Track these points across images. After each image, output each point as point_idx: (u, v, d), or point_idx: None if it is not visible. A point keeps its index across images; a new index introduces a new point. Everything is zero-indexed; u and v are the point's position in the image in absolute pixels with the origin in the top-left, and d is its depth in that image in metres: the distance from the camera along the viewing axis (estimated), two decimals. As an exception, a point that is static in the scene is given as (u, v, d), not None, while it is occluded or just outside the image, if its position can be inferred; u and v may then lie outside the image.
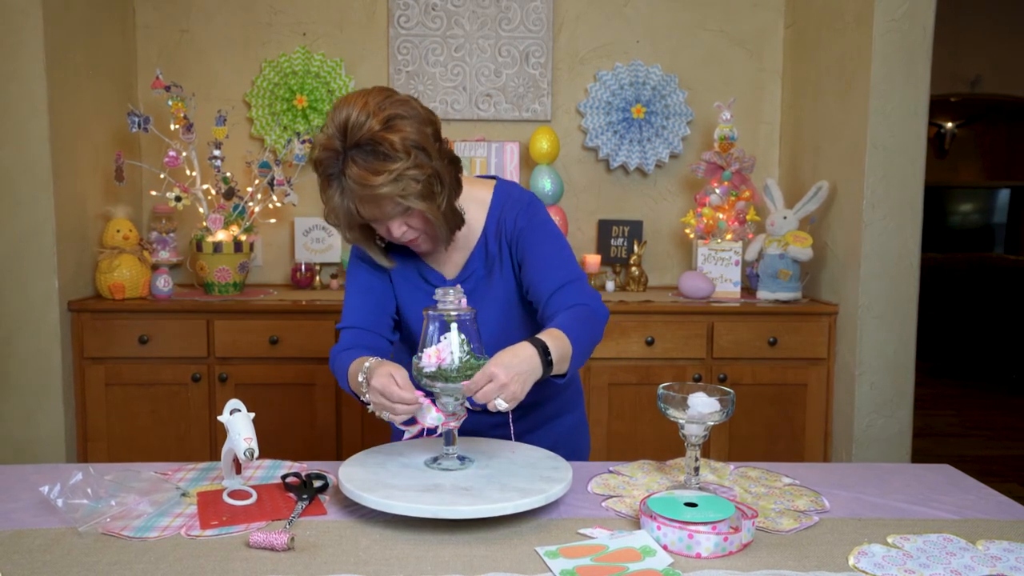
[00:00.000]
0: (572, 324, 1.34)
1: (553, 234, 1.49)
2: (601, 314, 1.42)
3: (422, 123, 1.33)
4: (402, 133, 1.29)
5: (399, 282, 1.53)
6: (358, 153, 1.29)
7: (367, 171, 1.28)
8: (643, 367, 2.67)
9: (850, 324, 2.61)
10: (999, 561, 1.06)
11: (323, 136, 1.32)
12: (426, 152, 1.32)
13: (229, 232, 2.74)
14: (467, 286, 1.48)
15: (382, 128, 1.28)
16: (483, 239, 1.50)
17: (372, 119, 1.28)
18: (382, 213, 1.34)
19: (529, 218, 1.48)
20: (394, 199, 1.31)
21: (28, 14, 2.40)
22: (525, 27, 3.05)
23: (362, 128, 1.28)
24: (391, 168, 1.28)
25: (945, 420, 4.88)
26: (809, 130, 2.93)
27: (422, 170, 1.31)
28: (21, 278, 2.48)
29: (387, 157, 1.28)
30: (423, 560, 1.05)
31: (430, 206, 1.34)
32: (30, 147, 2.45)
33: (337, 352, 1.49)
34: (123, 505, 1.18)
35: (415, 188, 1.31)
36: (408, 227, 1.39)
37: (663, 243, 3.18)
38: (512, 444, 1.42)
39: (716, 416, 1.22)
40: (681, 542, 1.07)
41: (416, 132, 1.31)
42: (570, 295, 1.41)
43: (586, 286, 1.46)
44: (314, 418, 2.63)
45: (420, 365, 1.23)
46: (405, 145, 1.29)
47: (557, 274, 1.43)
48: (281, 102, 3.01)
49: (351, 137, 1.29)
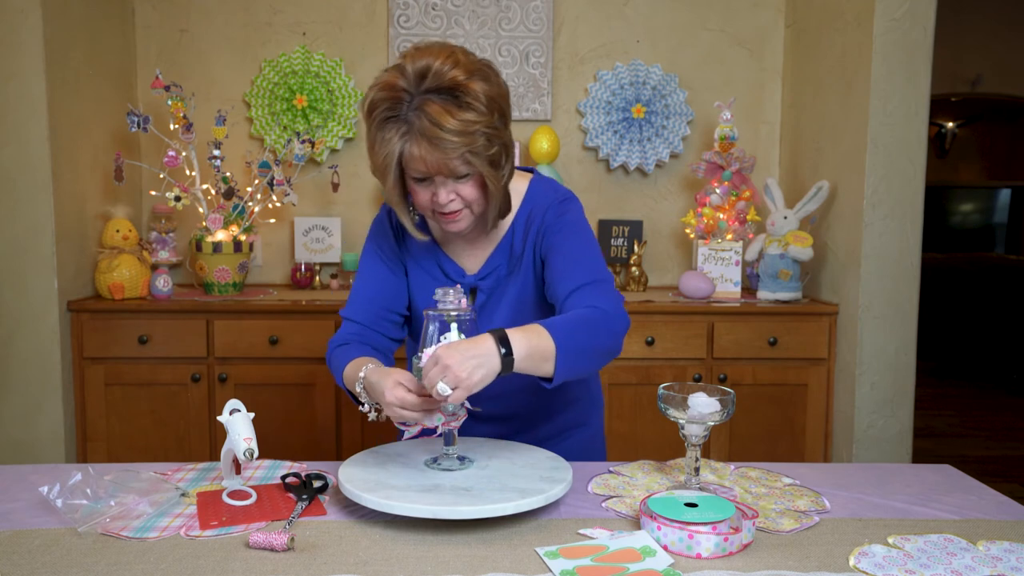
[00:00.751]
0: (567, 325, 1.21)
1: (581, 232, 1.39)
2: (616, 322, 1.27)
3: (502, 87, 1.28)
4: (488, 85, 1.23)
5: (415, 275, 1.46)
6: (436, 96, 1.21)
7: (446, 111, 1.20)
8: (643, 367, 2.67)
9: (851, 324, 2.60)
10: (1000, 562, 1.06)
11: (389, 76, 1.24)
12: (504, 117, 1.27)
13: (229, 232, 2.74)
14: (487, 283, 1.43)
15: (467, 78, 1.22)
16: (510, 235, 1.43)
17: (457, 68, 1.21)
18: (444, 164, 1.24)
19: (559, 214, 1.40)
20: (462, 153, 1.23)
21: (27, 14, 2.40)
22: (525, 27, 3.05)
23: (445, 74, 1.20)
24: (472, 119, 1.21)
25: (946, 420, 4.87)
26: (809, 130, 2.93)
27: (497, 133, 1.25)
28: (21, 278, 2.48)
29: (469, 107, 1.21)
30: (423, 560, 1.05)
31: (494, 174, 1.28)
32: (30, 147, 2.44)
33: (335, 347, 1.43)
34: (122, 505, 1.18)
35: (487, 149, 1.24)
36: (458, 195, 1.29)
37: (663, 243, 3.18)
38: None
39: (716, 416, 1.22)
40: (681, 542, 1.07)
41: (498, 93, 1.26)
42: (587, 296, 1.29)
43: (608, 289, 1.32)
44: (314, 418, 2.63)
45: (420, 365, 1.22)
46: (489, 100, 1.23)
47: (578, 274, 1.32)
48: (281, 102, 3.01)
49: (430, 81, 1.21)
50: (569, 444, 1.51)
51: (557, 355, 1.17)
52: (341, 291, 2.90)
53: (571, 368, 1.20)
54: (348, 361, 1.36)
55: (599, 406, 1.60)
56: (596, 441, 1.58)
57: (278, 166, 2.81)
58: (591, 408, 1.57)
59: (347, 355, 1.38)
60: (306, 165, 3.03)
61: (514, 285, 1.42)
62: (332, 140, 3.03)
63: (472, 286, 1.44)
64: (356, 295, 1.47)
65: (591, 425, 1.57)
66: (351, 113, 3.02)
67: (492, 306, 1.45)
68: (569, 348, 1.19)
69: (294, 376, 2.61)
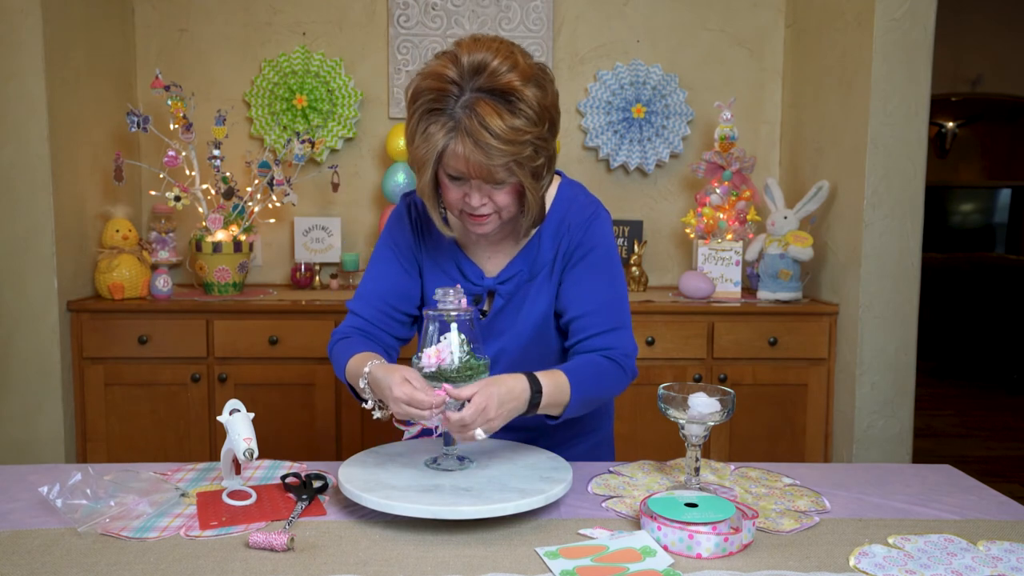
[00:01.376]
0: (586, 379, 1.28)
1: (612, 264, 1.38)
2: (627, 377, 1.36)
3: (555, 96, 1.23)
4: (540, 96, 1.18)
5: (431, 274, 1.42)
6: (488, 96, 1.15)
7: (498, 116, 1.14)
8: (643, 367, 2.66)
9: (851, 324, 2.60)
10: (1000, 562, 1.06)
11: (438, 64, 1.18)
12: (553, 128, 1.22)
13: (229, 232, 2.74)
14: (507, 288, 1.39)
15: (523, 83, 1.16)
16: (536, 241, 1.38)
17: (515, 71, 1.16)
18: (486, 169, 1.18)
19: (594, 236, 1.36)
20: (507, 162, 1.18)
21: (27, 13, 2.39)
22: (525, 27, 3.05)
23: (501, 76, 1.15)
24: (522, 128, 1.16)
25: (946, 420, 4.87)
26: (810, 130, 2.93)
27: (545, 144, 1.21)
28: (20, 278, 2.48)
29: (520, 114, 1.16)
30: (423, 560, 1.05)
31: (535, 186, 1.23)
32: (30, 147, 2.44)
33: (338, 338, 1.41)
34: (122, 506, 1.18)
35: (533, 160, 1.20)
36: (491, 200, 1.25)
37: (663, 243, 3.18)
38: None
39: (716, 416, 1.22)
40: (681, 542, 1.07)
41: (551, 103, 1.21)
42: (609, 340, 1.34)
43: (627, 338, 1.37)
44: (314, 418, 2.63)
45: (420, 365, 1.22)
46: (542, 109, 1.18)
47: (603, 318, 1.34)
48: (281, 102, 3.01)
49: (485, 80, 1.15)
50: (580, 449, 1.49)
51: (569, 405, 1.27)
52: (341, 291, 2.90)
53: (575, 413, 1.30)
54: (351, 355, 1.33)
55: (611, 412, 1.60)
56: (604, 445, 1.58)
57: (278, 166, 2.81)
58: (604, 415, 1.57)
59: (350, 348, 1.35)
60: (306, 165, 3.03)
61: (535, 292, 1.38)
62: (332, 140, 3.03)
63: (491, 289, 1.41)
64: (365, 289, 1.43)
65: (602, 430, 1.56)
66: (351, 113, 3.02)
67: (511, 312, 1.41)
68: (581, 400, 1.28)
69: (294, 376, 2.61)
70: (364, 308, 1.43)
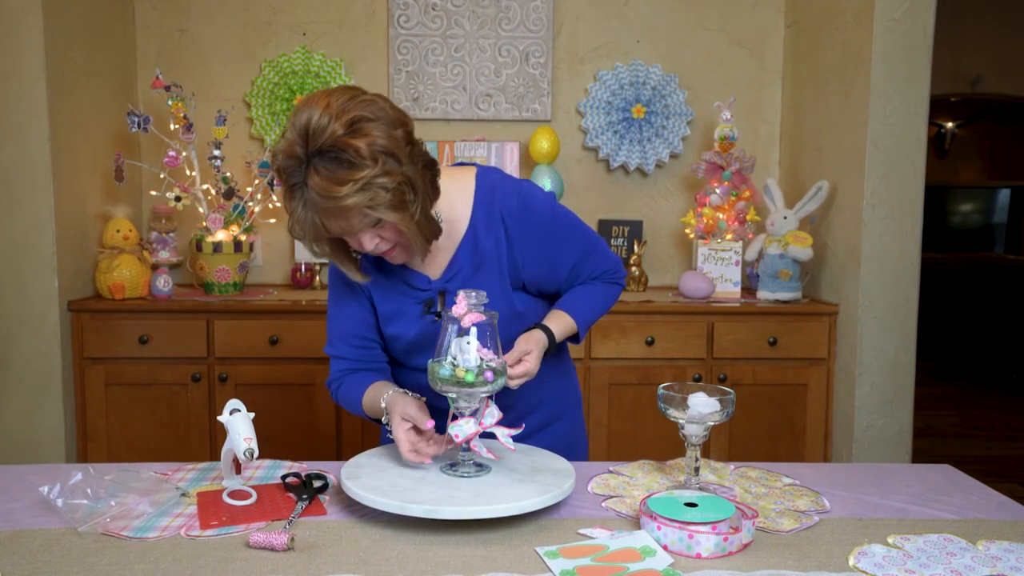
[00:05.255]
0: (584, 304, 1.47)
1: (561, 222, 1.44)
2: (621, 285, 1.56)
3: (391, 125, 1.22)
4: (368, 138, 1.18)
5: (380, 294, 1.44)
6: (320, 161, 1.18)
7: (331, 181, 1.17)
8: (643, 367, 2.67)
9: (850, 324, 2.60)
10: (999, 561, 1.06)
11: (284, 142, 1.20)
12: (395, 158, 1.21)
13: (229, 232, 2.74)
14: (453, 285, 1.40)
15: (346, 133, 1.17)
16: (471, 233, 1.40)
17: (335, 122, 1.17)
18: (350, 226, 1.23)
19: (534, 212, 1.40)
20: (362, 211, 1.20)
21: (28, 13, 2.39)
22: (525, 27, 3.05)
23: (324, 132, 1.16)
24: (357, 177, 1.17)
25: (946, 420, 4.87)
26: (809, 130, 2.93)
27: (392, 178, 1.20)
28: (21, 278, 2.48)
29: (352, 165, 1.17)
30: (423, 560, 1.05)
31: (402, 216, 1.23)
32: (30, 147, 2.44)
33: (337, 384, 1.48)
34: (123, 505, 1.18)
35: (385, 198, 1.20)
36: (381, 239, 1.28)
37: (663, 243, 3.18)
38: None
39: (716, 416, 1.22)
40: (681, 542, 1.07)
41: (384, 136, 1.20)
42: (595, 273, 1.50)
43: (607, 257, 1.51)
44: (314, 418, 2.63)
45: (437, 371, 1.22)
46: (372, 151, 1.18)
47: (582, 268, 1.48)
48: (281, 102, 3.01)
49: (313, 143, 1.17)
50: (553, 438, 1.54)
51: (579, 327, 1.47)
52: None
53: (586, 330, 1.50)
54: (361, 391, 1.42)
55: (577, 399, 1.65)
56: (577, 431, 1.63)
57: (278, 166, 2.80)
58: (573, 397, 1.63)
59: (357, 385, 1.43)
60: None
61: (482, 281, 1.41)
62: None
63: (440, 290, 1.43)
64: (336, 333, 1.48)
65: (569, 416, 1.61)
66: (351, 113, 3.02)
67: None
68: (585, 322, 1.48)
69: (294, 376, 2.61)
70: (343, 350, 1.48)
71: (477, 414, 1.25)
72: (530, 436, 1.50)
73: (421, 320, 1.41)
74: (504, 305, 1.41)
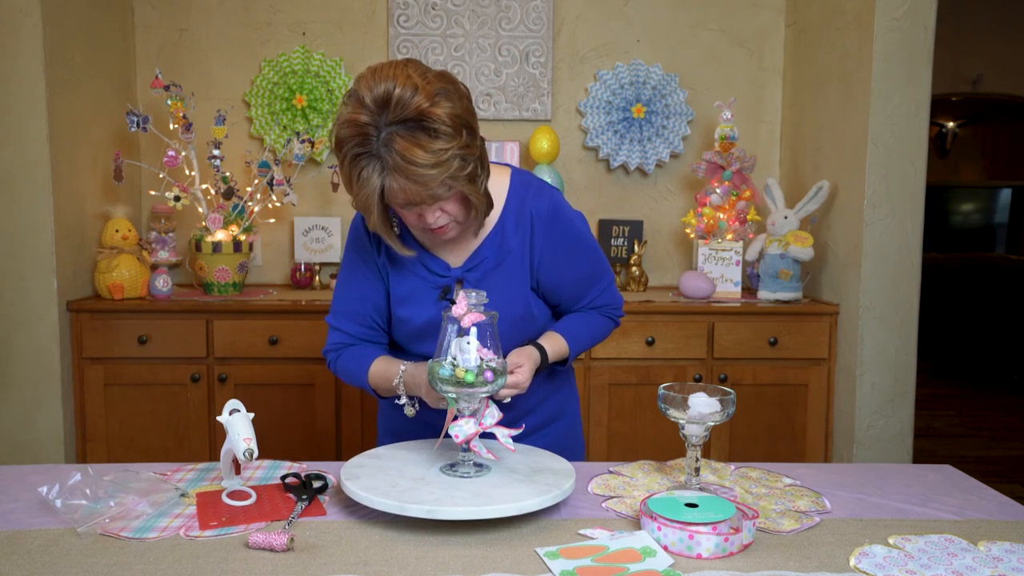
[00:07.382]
0: (579, 332, 1.49)
1: (582, 240, 1.47)
2: (616, 323, 1.58)
3: (464, 98, 1.27)
4: (451, 110, 1.21)
5: (397, 275, 1.45)
6: (403, 129, 1.20)
7: (418, 147, 1.19)
8: (643, 367, 2.66)
9: (851, 324, 2.60)
10: (1000, 562, 1.06)
11: (350, 110, 1.22)
12: (472, 131, 1.26)
13: (228, 232, 2.74)
14: (473, 275, 1.42)
15: (431, 104, 1.20)
16: (499, 228, 1.42)
17: (419, 94, 1.19)
18: (425, 194, 1.24)
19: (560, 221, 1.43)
20: (443, 180, 1.22)
21: (27, 14, 2.39)
22: (525, 26, 3.05)
23: (408, 103, 1.18)
24: (443, 147, 1.20)
25: (946, 420, 4.87)
26: (810, 130, 2.93)
27: (470, 151, 1.24)
28: (20, 278, 2.48)
29: (437, 135, 1.20)
30: (423, 560, 1.05)
31: (475, 189, 1.28)
32: (29, 147, 2.44)
33: (337, 352, 1.48)
34: (122, 506, 1.18)
35: (463, 170, 1.24)
36: (443, 212, 1.30)
37: (663, 243, 3.18)
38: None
39: (717, 416, 1.22)
40: (682, 543, 1.07)
41: (463, 108, 1.24)
42: (599, 302, 1.52)
43: (613, 293, 1.54)
44: (314, 418, 2.63)
45: (439, 372, 1.22)
46: (456, 123, 1.22)
47: (587, 290, 1.50)
48: (280, 102, 3.01)
49: (394, 113, 1.19)
50: (552, 437, 1.55)
51: (569, 356, 1.49)
52: (341, 291, 2.90)
53: (576, 356, 1.53)
54: (368, 362, 1.42)
55: (575, 399, 1.66)
56: (575, 431, 1.64)
57: (278, 166, 2.81)
58: (571, 398, 1.64)
59: (362, 357, 1.44)
60: (306, 165, 3.03)
61: (502, 277, 1.42)
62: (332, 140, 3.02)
63: (458, 278, 1.44)
64: (342, 308, 1.49)
65: (568, 416, 1.62)
66: (351, 113, 3.02)
67: None
68: (577, 350, 1.50)
69: (294, 376, 2.61)
70: (347, 324, 1.49)
71: (477, 414, 1.25)
72: (528, 436, 1.49)
73: (435, 305, 1.42)
74: (520, 304, 1.43)
